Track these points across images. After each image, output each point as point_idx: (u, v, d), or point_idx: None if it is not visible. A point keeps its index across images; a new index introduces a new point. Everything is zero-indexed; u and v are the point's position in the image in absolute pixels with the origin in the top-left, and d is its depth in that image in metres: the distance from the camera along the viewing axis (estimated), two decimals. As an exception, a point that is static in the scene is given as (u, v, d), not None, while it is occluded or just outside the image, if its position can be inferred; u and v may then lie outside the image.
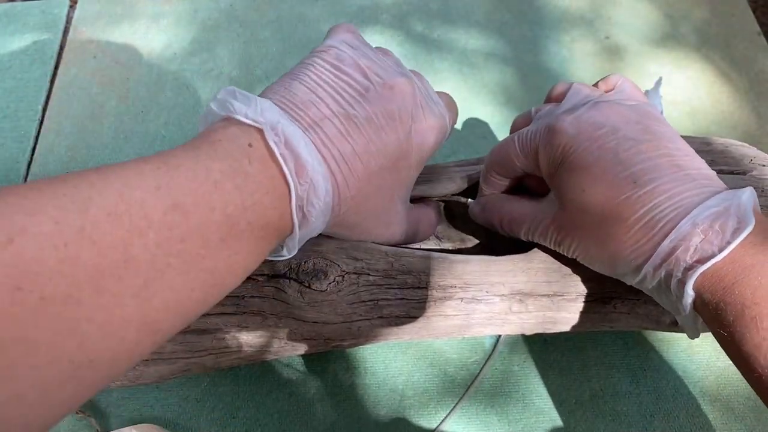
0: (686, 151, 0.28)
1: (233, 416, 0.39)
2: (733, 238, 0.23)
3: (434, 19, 0.59)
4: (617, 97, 0.31)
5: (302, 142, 0.24)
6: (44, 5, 0.60)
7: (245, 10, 0.60)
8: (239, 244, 0.22)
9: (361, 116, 0.26)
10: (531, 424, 0.39)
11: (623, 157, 0.27)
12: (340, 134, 0.26)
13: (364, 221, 0.29)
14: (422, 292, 0.32)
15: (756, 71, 0.55)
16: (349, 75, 0.27)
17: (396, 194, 0.30)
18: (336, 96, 0.26)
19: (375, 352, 0.41)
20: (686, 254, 0.24)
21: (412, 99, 0.28)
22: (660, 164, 0.26)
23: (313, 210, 0.25)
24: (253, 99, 0.24)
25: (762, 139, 0.51)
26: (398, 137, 0.27)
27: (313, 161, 0.24)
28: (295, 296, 0.31)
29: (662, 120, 0.29)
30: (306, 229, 0.25)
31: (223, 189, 0.21)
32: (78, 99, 0.54)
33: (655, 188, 0.26)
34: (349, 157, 0.26)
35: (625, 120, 0.28)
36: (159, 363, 0.32)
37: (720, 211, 0.24)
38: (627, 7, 0.60)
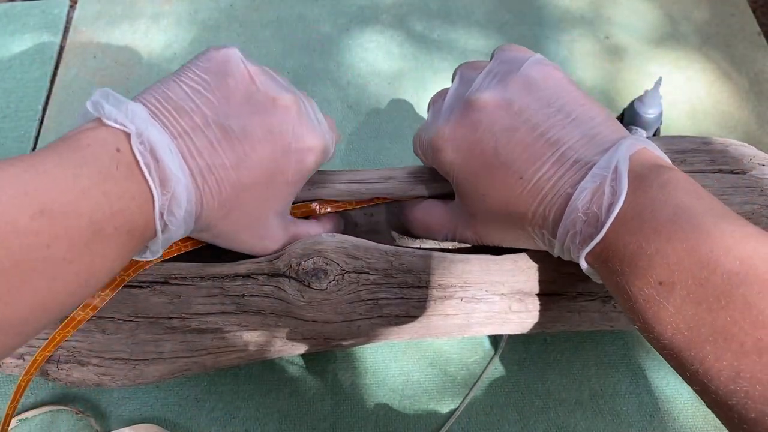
0: (560, 115, 0.27)
1: (233, 416, 0.39)
2: (607, 217, 0.24)
3: (434, 19, 0.59)
4: (500, 67, 0.30)
5: (168, 151, 0.24)
6: (44, 5, 0.60)
7: (245, 10, 0.60)
8: (105, 248, 0.22)
9: (237, 128, 0.26)
10: (531, 424, 0.39)
11: (505, 153, 0.27)
12: (211, 146, 0.26)
13: (235, 232, 0.29)
14: (422, 291, 0.32)
15: (756, 71, 0.55)
16: (234, 80, 0.27)
17: (271, 208, 0.29)
18: (213, 104, 0.26)
19: (375, 352, 0.41)
20: (575, 238, 0.25)
21: (295, 116, 0.28)
22: (537, 150, 0.27)
23: (174, 220, 0.25)
24: (125, 103, 0.24)
25: (762, 139, 0.51)
26: (275, 152, 0.27)
27: (177, 171, 0.24)
28: (295, 295, 0.31)
29: (532, 81, 0.28)
30: (167, 234, 0.26)
31: (91, 195, 0.22)
32: (78, 99, 0.54)
33: (539, 179, 0.26)
34: (219, 168, 0.26)
35: (499, 108, 0.28)
36: (159, 363, 0.32)
37: (596, 187, 0.25)
38: (627, 7, 0.60)
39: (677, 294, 0.22)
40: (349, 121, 0.53)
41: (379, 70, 0.56)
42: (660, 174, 0.24)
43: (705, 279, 0.21)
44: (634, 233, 0.23)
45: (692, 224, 0.22)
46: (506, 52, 0.31)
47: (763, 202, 0.33)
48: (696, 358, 0.21)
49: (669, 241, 0.22)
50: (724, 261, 0.21)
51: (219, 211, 0.27)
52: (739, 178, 0.34)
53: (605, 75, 0.55)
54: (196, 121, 0.26)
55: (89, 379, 0.33)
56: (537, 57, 0.29)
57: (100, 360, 0.32)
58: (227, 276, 0.31)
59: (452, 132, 0.29)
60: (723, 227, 0.22)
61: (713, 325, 0.21)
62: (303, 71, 0.56)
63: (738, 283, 0.20)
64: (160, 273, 0.31)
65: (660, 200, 0.23)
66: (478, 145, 0.28)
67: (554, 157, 0.26)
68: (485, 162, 0.28)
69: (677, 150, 0.36)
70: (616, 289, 0.25)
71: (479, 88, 0.29)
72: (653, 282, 0.22)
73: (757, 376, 0.19)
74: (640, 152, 0.25)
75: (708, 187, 0.34)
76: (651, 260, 0.23)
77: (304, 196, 0.34)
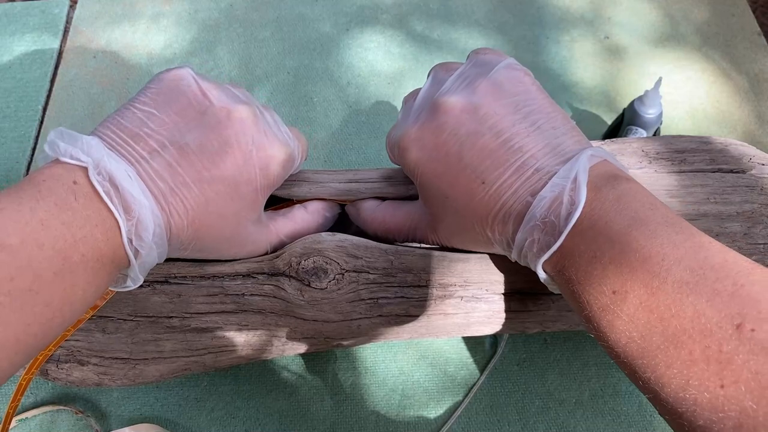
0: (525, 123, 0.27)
1: (233, 416, 0.39)
2: (564, 226, 0.24)
3: (434, 19, 0.59)
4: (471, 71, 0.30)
5: (127, 178, 0.25)
6: (44, 5, 0.60)
7: (245, 10, 0.60)
8: (74, 277, 0.23)
9: (194, 144, 0.26)
10: (531, 424, 0.39)
11: (468, 158, 0.27)
12: (170, 167, 0.26)
13: (214, 245, 0.29)
14: (422, 290, 0.32)
15: (756, 71, 0.55)
16: (187, 98, 0.27)
17: (244, 219, 0.29)
18: (168, 125, 0.27)
19: (375, 352, 0.41)
20: (533, 246, 0.26)
21: (252, 126, 0.28)
22: (500, 157, 0.27)
23: (143, 244, 0.25)
24: (80, 138, 0.25)
25: (762, 139, 0.52)
26: (237, 163, 0.27)
27: (139, 196, 0.25)
28: (295, 294, 0.31)
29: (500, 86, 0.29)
30: (141, 260, 0.26)
31: (50, 226, 0.22)
32: (78, 99, 0.54)
33: (500, 185, 0.27)
34: (181, 187, 0.26)
35: (465, 112, 0.28)
36: (159, 362, 0.32)
37: (555, 197, 0.25)
38: (627, 7, 0.60)
39: (630, 303, 0.22)
40: (349, 121, 0.53)
41: (379, 70, 0.56)
42: (616, 185, 0.25)
43: (657, 288, 0.21)
44: (589, 243, 0.24)
45: (646, 235, 0.23)
46: (480, 55, 0.31)
47: (762, 201, 0.33)
48: (648, 366, 0.22)
49: (623, 252, 0.23)
50: (676, 271, 0.21)
51: (190, 229, 0.27)
52: (738, 177, 0.34)
53: (605, 75, 0.56)
54: (152, 144, 0.26)
55: (89, 379, 0.33)
56: (508, 61, 0.30)
57: (100, 360, 0.32)
58: (227, 275, 0.31)
59: (418, 133, 0.29)
60: (675, 238, 0.22)
61: (664, 333, 0.21)
62: (303, 71, 0.56)
63: (688, 292, 0.21)
64: (160, 272, 0.31)
65: (615, 211, 0.24)
66: (443, 147, 0.28)
67: (516, 164, 0.27)
68: (449, 164, 0.28)
69: (677, 150, 0.36)
70: (572, 298, 0.25)
71: (448, 91, 0.29)
72: (608, 291, 0.23)
73: (705, 384, 0.20)
74: (600, 164, 0.26)
75: (708, 187, 0.34)
76: (605, 269, 0.23)
77: (303, 195, 0.34)
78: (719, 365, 0.19)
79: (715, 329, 0.20)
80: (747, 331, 0.19)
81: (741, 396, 0.19)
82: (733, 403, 0.19)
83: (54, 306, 0.22)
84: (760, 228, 0.33)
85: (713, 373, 0.19)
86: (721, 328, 0.20)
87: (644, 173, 0.34)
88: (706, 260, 0.21)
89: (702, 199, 0.33)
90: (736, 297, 0.20)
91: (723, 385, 0.19)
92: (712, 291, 0.20)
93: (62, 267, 0.22)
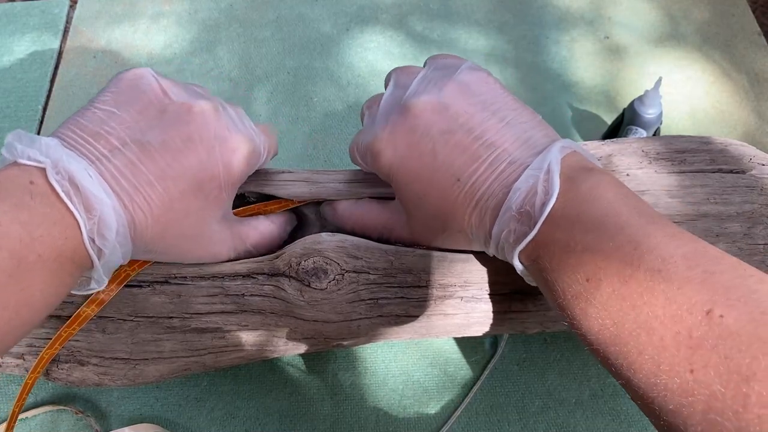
0: (494, 119, 0.28)
1: (233, 416, 0.39)
2: (539, 215, 0.25)
3: (434, 19, 0.59)
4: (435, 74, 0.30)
5: (87, 176, 0.24)
6: (44, 5, 0.60)
7: (245, 10, 0.60)
8: (31, 278, 0.23)
9: (156, 142, 0.26)
10: (531, 424, 0.39)
11: (442, 157, 0.28)
12: (131, 163, 0.26)
13: (179, 245, 0.29)
14: (422, 290, 0.32)
15: (756, 71, 0.55)
16: (147, 96, 0.27)
17: (209, 215, 0.29)
18: (129, 123, 0.26)
19: (375, 351, 0.41)
20: (509, 237, 0.26)
21: (214, 121, 0.28)
22: (473, 153, 0.27)
23: (107, 243, 0.25)
24: (38, 139, 0.25)
25: (762, 139, 0.52)
26: (200, 159, 0.27)
27: (100, 194, 0.24)
28: (295, 295, 0.31)
29: (467, 86, 0.29)
30: (104, 259, 0.25)
31: (6, 227, 0.22)
32: (78, 99, 0.54)
33: (475, 181, 0.27)
34: (144, 185, 0.26)
35: (435, 112, 0.28)
36: (159, 362, 0.32)
37: (529, 188, 0.25)
38: (627, 7, 0.60)
39: (603, 290, 0.23)
40: (349, 121, 0.53)
41: (379, 70, 0.56)
42: (589, 176, 0.25)
43: (629, 276, 0.22)
44: (564, 232, 0.24)
45: (618, 224, 0.23)
46: (439, 59, 0.32)
47: (762, 201, 0.33)
48: (620, 352, 0.22)
49: (596, 240, 0.23)
50: (648, 259, 0.22)
51: (155, 228, 0.27)
52: (738, 177, 0.34)
53: (605, 75, 0.56)
54: (113, 142, 0.26)
55: (89, 379, 0.33)
56: (470, 63, 0.30)
57: (100, 360, 0.32)
58: (227, 275, 0.31)
59: (391, 135, 0.29)
60: (647, 228, 0.23)
61: (636, 320, 0.21)
62: (303, 71, 0.56)
63: (660, 280, 0.21)
64: (160, 272, 0.31)
65: (589, 201, 0.24)
66: (417, 147, 0.28)
67: (489, 159, 0.27)
68: (423, 164, 0.28)
69: (677, 150, 0.36)
70: (546, 287, 0.26)
71: (416, 93, 0.30)
72: (581, 279, 0.23)
73: (676, 369, 0.20)
74: (571, 155, 0.26)
75: (708, 187, 0.34)
76: (579, 258, 0.24)
77: (305, 194, 0.33)
78: (689, 351, 0.20)
79: (686, 316, 0.20)
80: (716, 317, 0.20)
81: (710, 380, 0.19)
82: (703, 387, 0.19)
83: (11, 308, 0.22)
84: (760, 228, 0.33)
85: (683, 359, 0.20)
86: (691, 315, 0.20)
87: (644, 173, 0.34)
88: (677, 249, 0.22)
89: (702, 199, 0.33)
90: (706, 284, 0.21)
91: (693, 370, 0.20)
92: (683, 279, 0.21)
93: (17, 268, 0.22)
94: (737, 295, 0.20)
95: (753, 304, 0.20)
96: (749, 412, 0.18)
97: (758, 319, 0.19)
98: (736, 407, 0.18)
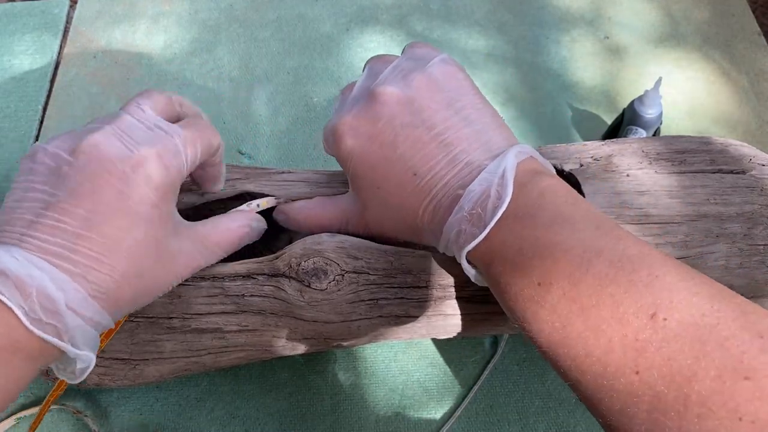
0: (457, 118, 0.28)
1: (233, 416, 0.39)
2: (490, 219, 0.25)
3: (434, 19, 0.59)
4: (407, 64, 0.30)
5: (10, 259, 0.23)
6: (44, 5, 0.60)
7: (245, 10, 0.60)
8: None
9: (65, 195, 0.25)
10: (531, 424, 0.39)
11: (402, 149, 0.28)
12: (51, 227, 0.24)
13: (147, 278, 0.27)
14: (422, 291, 0.32)
15: (756, 71, 0.55)
16: (39, 167, 0.26)
17: (161, 236, 0.27)
18: (37, 196, 0.25)
19: (375, 352, 0.41)
20: (459, 237, 0.27)
21: (110, 148, 0.26)
22: (432, 150, 0.28)
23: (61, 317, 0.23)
24: None
25: (762, 139, 0.51)
26: (117, 189, 0.26)
27: (29, 271, 0.23)
28: (295, 295, 0.31)
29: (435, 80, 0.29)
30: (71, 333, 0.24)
31: None
32: (78, 99, 0.54)
33: (432, 177, 0.28)
34: (77, 240, 0.24)
35: (400, 104, 0.29)
36: (159, 362, 0.33)
37: (483, 190, 0.26)
38: (627, 7, 0.60)
39: (554, 293, 0.23)
40: (349, 121, 0.53)
41: (379, 70, 0.56)
42: (540, 182, 0.26)
43: (578, 279, 0.22)
44: (516, 237, 0.25)
45: (568, 229, 0.24)
46: (415, 49, 0.32)
47: (763, 202, 0.33)
48: (569, 354, 0.22)
49: (547, 245, 0.24)
50: (596, 263, 0.22)
51: (115, 272, 0.25)
52: (739, 178, 0.34)
53: (605, 75, 0.56)
54: (27, 218, 0.25)
55: (89, 379, 0.33)
56: (443, 57, 0.30)
57: (100, 360, 0.32)
58: (227, 276, 0.31)
59: (354, 121, 0.30)
60: (596, 232, 0.24)
61: (585, 323, 0.22)
62: (303, 71, 0.56)
63: (608, 283, 0.22)
64: (160, 273, 0.31)
65: (540, 206, 0.25)
66: (378, 136, 0.29)
67: (447, 157, 0.27)
68: (383, 154, 0.29)
69: (677, 150, 0.36)
70: (497, 289, 0.26)
71: (385, 81, 0.30)
72: (533, 283, 0.24)
73: (622, 370, 0.21)
74: (526, 161, 0.27)
75: (708, 187, 0.34)
76: (531, 262, 0.24)
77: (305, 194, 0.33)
78: (635, 353, 0.20)
79: (632, 319, 0.21)
80: (660, 320, 0.20)
81: (654, 381, 0.20)
82: (647, 388, 0.20)
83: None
84: (760, 229, 0.33)
85: (629, 360, 0.20)
86: (637, 318, 0.21)
87: (644, 173, 0.34)
88: (624, 252, 0.22)
89: (702, 199, 0.33)
90: (650, 287, 0.21)
91: (638, 372, 0.20)
92: (629, 282, 0.21)
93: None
94: (680, 298, 0.21)
95: (694, 307, 0.20)
96: (689, 411, 0.19)
97: (698, 322, 0.20)
98: (677, 407, 0.19)
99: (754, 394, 0.18)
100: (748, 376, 0.18)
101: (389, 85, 0.29)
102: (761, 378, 0.18)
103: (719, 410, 0.18)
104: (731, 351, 0.19)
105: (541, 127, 0.52)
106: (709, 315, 0.20)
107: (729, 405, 0.18)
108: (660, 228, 0.32)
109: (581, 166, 0.35)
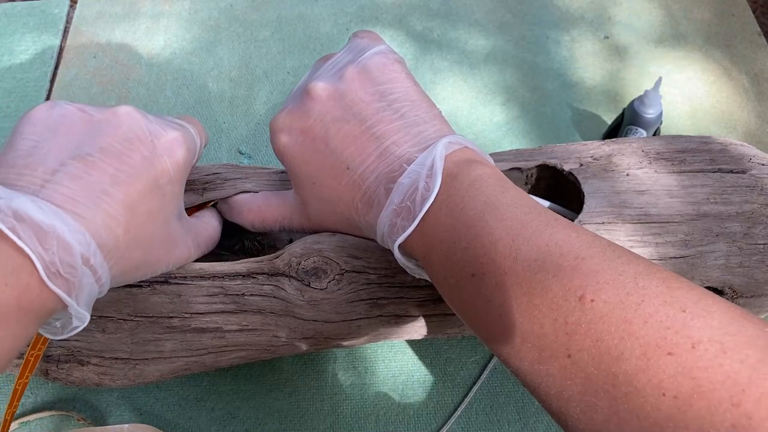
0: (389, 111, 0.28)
1: (233, 416, 0.39)
2: (418, 211, 0.25)
3: (434, 19, 0.59)
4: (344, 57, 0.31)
5: (33, 207, 0.22)
6: (44, 5, 0.60)
7: (245, 10, 0.60)
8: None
9: (96, 152, 0.25)
10: (531, 424, 0.39)
11: (333, 144, 0.28)
12: (78, 178, 0.24)
13: (150, 252, 0.27)
14: (421, 290, 0.32)
15: (756, 71, 0.55)
16: (68, 118, 0.26)
17: (170, 214, 0.28)
18: (60, 145, 0.25)
19: (375, 351, 0.41)
20: (392, 230, 0.27)
21: (141, 118, 0.27)
22: (363, 144, 0.28)
23: (74, 271, 0.23)
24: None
25: (762, 139, 0.51)
26: (144, 155, 0.26)
27: (52, 220, 0.22)
28: (294, 295, 0.31)
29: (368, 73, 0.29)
30: (80, 290, 0.23)
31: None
32: (78, 99, 0.54)
33: (364, 171, 0.28)
34: (101, 195, 0.24)
35: (331, 98, 0.29)
36: (159, 362, 0.32)
37: (411, 183, 0.26)
38: (627, 7, 0.60)
39: (487, 283, 0.23)
40: (349, 121, 0.53)
41: (379, 70, 0.56)
42: (470, 171, 0.26)
43: (509, 268, 0.23)
44: (448, 229, 0.25)
45: (497, 218, 0.24)
46: (357, 39, 0.32)
47: (762, 201, 0.33)
48: (507, 341, 0.23)
49: (477, 236, 0.24)
50: (525, 250, 0.22)
51: (126, 236, 0.25)
52: (738, 177, 0.34)
53: (605, 75, 0.56)
54: (50, 166, 0.24)
55: (89, 379, 0.33)
56: (379, 48, 0.30)
57: (100, 360, 0.32)
58: (227, 275, 0.31)
59: (287, 117, 0.30)
60: (524, 219, 0.24)
61: (518, 310, 0.22)
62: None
63: (537, 269, 0.22)
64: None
65: (470, 197, 0.25)
66: (310, 132, 0.29)
67: (378, 150, 0.28)
68: (316, 150, 0.29)
69: (677, 150, 0.36)
70: (436, 281, 0.26)
71: (318, 77, 0.30)
72: (467, 274, 0.24)
73: (555, 355, 0.21)
74: (459, 151, 0.27)
75: (708, 187, 0.34)
76: (464, 254, 0.24)
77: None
78: (566, 336, 0.21)
79: (562, 302, 0.21)
80: (588, 301, 0.20)
81: (584, 363, 0.20)
82: (579, 370, 0.20)
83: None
84: (760, 228, 0.33)
85: (561, 344, 0.21)
86: (566, 301, 0.21)
87: (644, 173, 0.34)
88: (552, 237, 0.23)
89: (702, 199, 0.33)
90: (577, 270, 0.21)
91: (570, 355, 0.20)
92: (557, 266, 0.22)
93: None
94: (606, 278, 0.21)
95: (620, 286, 0.20)
96: (618, 390, 0.19)
97: (624, 301, 0.20)
98: (607, 387, 0.19)
99: (677, 369, 0.18)
100: (671, 351, 0.18)
101: (321, 81, 0.30)
102: (683, 353, 0.18)
103: (644, 388, 0.18)
104: (655, 328, 0.19)
105: (541, 127, 0.52)
106: (633, 293, 0.20)
107: (653, 382, 0.18)
108: (660, 227, 0.32)
109: (581, 166, 0.35)
